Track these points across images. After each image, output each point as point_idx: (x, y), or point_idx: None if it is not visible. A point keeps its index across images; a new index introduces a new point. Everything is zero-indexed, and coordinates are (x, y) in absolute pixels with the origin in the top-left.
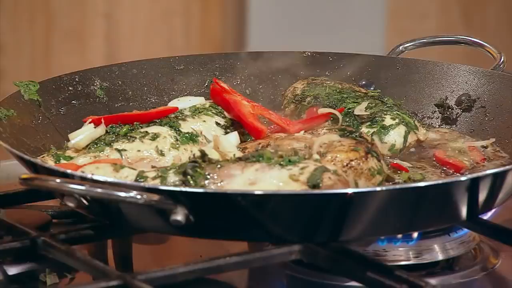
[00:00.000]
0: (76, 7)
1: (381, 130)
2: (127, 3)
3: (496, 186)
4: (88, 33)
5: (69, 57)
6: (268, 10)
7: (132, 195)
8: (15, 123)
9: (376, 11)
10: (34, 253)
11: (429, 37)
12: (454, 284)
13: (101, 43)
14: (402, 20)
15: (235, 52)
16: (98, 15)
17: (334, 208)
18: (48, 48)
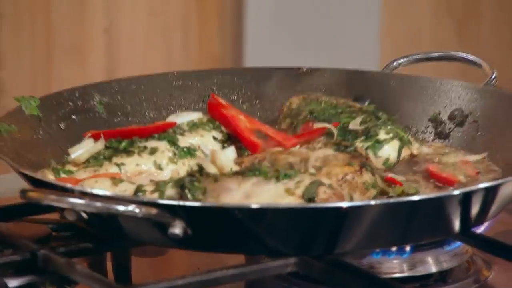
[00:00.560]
0: (77, 22)
1: (375, 144)
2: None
3: (489, 199)
4: (88, 47)
5: (70, 71)
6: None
7: (130, 209)
8: (16, 138)
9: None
10: (34, 266)
11: (422, 53)
12: None
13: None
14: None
15: (233, 68)
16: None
17: (329, 221)
18: (49, 62)
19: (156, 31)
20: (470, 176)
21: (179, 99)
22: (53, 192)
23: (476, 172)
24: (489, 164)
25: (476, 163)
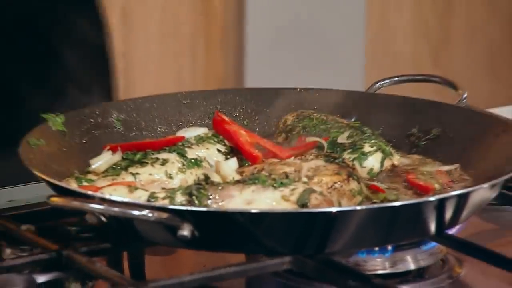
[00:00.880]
0: None
1: (360, 156)
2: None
3: (461, 205)
4: None
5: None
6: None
7: (144, 213)
8: (43, 151)
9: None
10: (59, 264)
11: (402, 75)
12: None
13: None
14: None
15: (235, 88)
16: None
17: (320, 224)
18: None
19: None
20: (444, 184)
21: (187, 116)
22: (76, 199)
23: (449, 181)
24: (461, 173)
25: (449, 172)
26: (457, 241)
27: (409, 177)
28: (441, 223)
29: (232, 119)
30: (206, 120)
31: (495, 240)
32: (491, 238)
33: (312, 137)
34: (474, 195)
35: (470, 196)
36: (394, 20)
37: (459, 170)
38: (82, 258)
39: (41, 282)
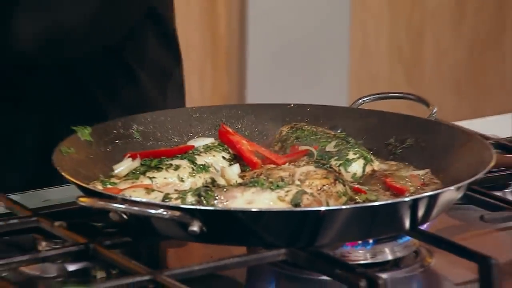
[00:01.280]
0: None
1: (345, 162)
2: None
3: (431, 204)
4: None
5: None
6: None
7: (159, 212)
8: (73, 158)
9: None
10: (87, 255)
11: (380, 93)
12: (400, 278)
13: None
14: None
15: (238, 104)
16: None
17: (311, 221)
18: None
19: None
20: (417, 187)
21: (196, 127)
22: (101, 199)
23: (421, 184)
24: (432, 177)
25: (421, 176)
26: (428, 235)
27: (387, 180)
28: (415, 220)
29: (235, 130)
30: (213, 131)
31: (460, 235)
32: (458, 233)
33: (304, 146)
34: (443, 196)
35: (439, 197)
36: (373, 45)
37: (430, 175)
38: (106, 250)
39: (71, 270)
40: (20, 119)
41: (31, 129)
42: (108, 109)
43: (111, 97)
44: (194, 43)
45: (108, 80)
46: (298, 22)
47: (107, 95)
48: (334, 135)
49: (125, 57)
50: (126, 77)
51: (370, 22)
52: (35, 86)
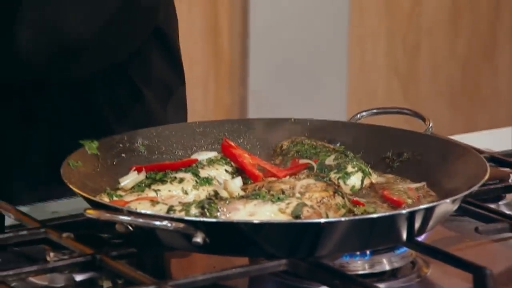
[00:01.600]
0: None
1: (344, 175)
2: None
3: (427, 216)
4: None
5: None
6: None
7: (164, 224)
8: (80, 171)
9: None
10: (94, 265)
11: (378, 108)
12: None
13: None
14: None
15: (240, 119)
16: None
17: (311, 233)
18: None
19: None
20: (414, 199)
21: (200, 141)
22: (107, 211)
23: (418, 196)
24: (428, 190)
25: (418, 189)
26: (424, 246)
27: (384, 193)
28: (411, 232)
29: (238, 144)
30: (216, 145)
31: (456, 245)
32: (453, 244)
33: (304, 159)
34: (439, 208)
35: (435, 209)
36: (371, 61)
37: (426, 188)
38: (112, 261)
39: (79, 280)
40: (29, 133)
41: (39, 142)
42: (113, 125)
43: (117, 113)
44: (197, 58)
45: (114, 96)
46: (298, 38)
47: (113, 110)
48: (333, 149)
49: (130, 74)
50: (131, 94)
51: (367, 39)
52: (44, 101)
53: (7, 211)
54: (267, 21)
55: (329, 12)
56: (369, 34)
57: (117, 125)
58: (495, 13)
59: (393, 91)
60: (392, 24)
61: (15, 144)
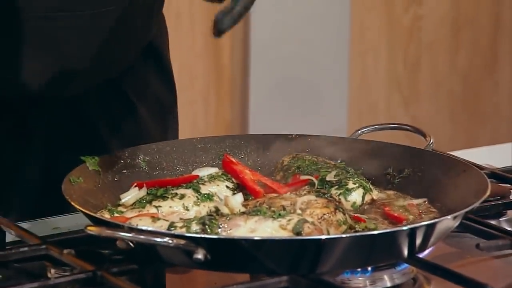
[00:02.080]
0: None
1: (345, 191)
2: None
3: (429, 233)
4: None
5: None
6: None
7: (165, 240)
8: (81, 187)
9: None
10: (95, 282)
11: (379, 124)
12: None
13: None
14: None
15: (241, 135)
16: None
17: (312, 249)
18: None
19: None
20: (415, 215)
21: (201, 157)
22: (108, 228)
23: (419, 213)
24: (429, 206)
25: (419, 205)
26: (425, 263)
27: (385, 209)
28: (413, 248)
29: (238, 160)
30: (217, 161)
31: (457, 262)
32: (454, 260)
33: (305, 175)
34: (440, 225)
35: (437, 225)
36: (372, 77)
37: (427, 204)
38: (113, 277)
39: None
40: (26, 149)
41: (37, 158)
42: (108, 139)
43: (111, 127)
44: (198, 74)
45: (108, 110)
46: (299, 54)
47: (107, 125)
48: (334, 165)
49: (124, 89)
50: (126, 109)
51: (368, 54)
52: (38, 116)
53: (8, 228)
54: (267, 37)
55: (330, 27)
56: (370, 49)
57: (112, 140)
58: (496, 28)
59: (394, 106)
60: (392, 39)
61: (12, 160)
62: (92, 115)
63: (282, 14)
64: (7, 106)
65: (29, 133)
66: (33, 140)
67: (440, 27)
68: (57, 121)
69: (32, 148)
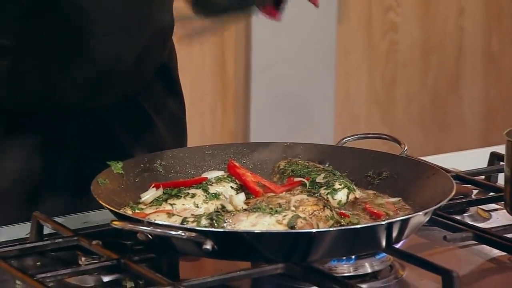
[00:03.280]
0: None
1: (332, 191)
2: None
3: (403, 227)
4: None
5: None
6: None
7: (179, 233)
8: (107, 188)
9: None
10: (119, 268)
11: (360, 133)
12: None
13: None
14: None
15: (243, 143)
16: None
17: (304, 241)
18: None
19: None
20: (391, 212)
21: (209, 162)
22: (130, 222)
23: (395, 209)
24: (404, 204)
25: (395, 203)
26: (400, 252)
27: (366, 206)
28: (390, 240)
29: (241, 164)
30: (223, 165)
31: (427, 251)
32: (425, 250)
33: (298, 177)
34: (413, 220)
35: (410, 220)
36: (354, 93)
37: (402, 202)
38: (135, 264)
39: (106, 281)
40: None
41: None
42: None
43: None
44: (207, 89)
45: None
46: (293, 74)
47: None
48: (323, 169)
49: (142, 105)
50: (144, 121)
51: (351, 74)
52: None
53: (45, 222)
54: (266, 59)
55: (319, 51)
56: (352, 69)
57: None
58: (459, 52)
59: (373, 118)
60: (372, 61)
61: (46, 163)
62: (116, 126)
63: (279, 39)
64: (45, 116)
65: (63, 140)
66: (66, 147)
67: (412, 51)
68: (86, 131)
69: (65, 154)
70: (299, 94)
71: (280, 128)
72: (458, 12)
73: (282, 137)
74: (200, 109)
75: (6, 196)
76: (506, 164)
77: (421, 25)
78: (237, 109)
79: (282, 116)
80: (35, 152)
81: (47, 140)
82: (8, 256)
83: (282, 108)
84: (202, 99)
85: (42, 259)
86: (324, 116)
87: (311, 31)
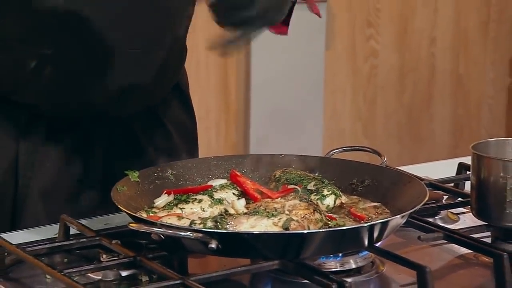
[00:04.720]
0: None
1: (321, 197)
2: None
3: (383, 228)
4: None
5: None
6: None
7: (187, 234)
8: (125, 194)
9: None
10: (135, 264)
11: (346, 146)
12: (361, 281)
13: None
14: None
15: (244, 155)
16: None
17: (296, 241)
18: None
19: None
20: (373, 215)
21: (214, 171)
22: (145, 224)
23: (376, 213)
24: (384, 208)
25: (376, 207)
26: (380, 250)
27: (351, 210)
28: (371, 239)
29: (242, 173)
30: (226, 174)
31: (404, 249)
32: (402, 248)
33: (292, 185)
34: (392, 222)
35: (389, 223)
36: (340, 110)
37: (382, 206)
38: (149, 261)
39: (124, 275)
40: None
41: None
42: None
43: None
44: (212, 107)
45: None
46: (287, 93)
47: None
48: (313, 177)
49: (161, 118)
50: (162, 131)
51: (338, 93)
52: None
53: (71, 223)
54: (264, 80)
55: (309, 73)
56: (338, 89)
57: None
58: (431, 75)
59: (357, 132)
60: (355, 82)
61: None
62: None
63: (275, 63)
64: (76, 124)
65: (94, 145)
66: (96, 151)
67: (390, 74)
68: (113, 137)
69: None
70: (292, 111)
71: (276, 141)
72: (430, 40)
73: (278, 149)
74: (206, 124)
75: (45, 196)
76: (472, 173)
77: (398, 51)
78: (238, 124)
79: (277, 130)
80: (71, 156)
81: (80, 144)
82: (39, 253)
83: (278, 123)
84: (208, 115)
85: (68, 256)
86: (314, 131)
87: (303, 56)
